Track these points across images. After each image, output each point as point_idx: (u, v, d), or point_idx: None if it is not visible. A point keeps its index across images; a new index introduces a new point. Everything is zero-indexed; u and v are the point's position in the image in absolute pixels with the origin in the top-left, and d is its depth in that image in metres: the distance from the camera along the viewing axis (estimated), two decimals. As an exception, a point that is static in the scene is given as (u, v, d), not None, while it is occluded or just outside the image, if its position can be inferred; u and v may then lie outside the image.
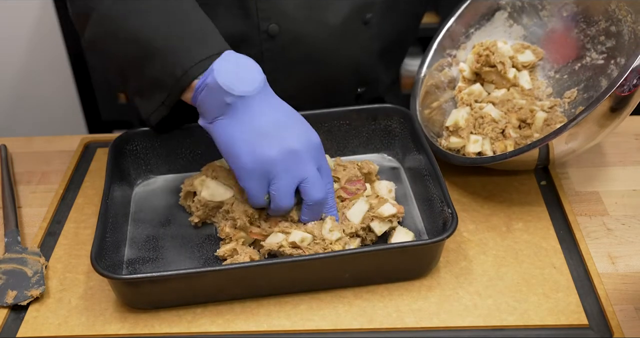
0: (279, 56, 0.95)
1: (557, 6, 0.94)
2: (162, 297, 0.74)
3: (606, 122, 0.76)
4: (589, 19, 0.91)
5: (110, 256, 0.77)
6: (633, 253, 0.79)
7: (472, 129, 0.90)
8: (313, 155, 0.77)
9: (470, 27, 0.98)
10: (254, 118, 0.75)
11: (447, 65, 0.99)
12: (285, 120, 0.77)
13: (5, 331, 0.74)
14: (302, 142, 0.76)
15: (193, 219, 0.84)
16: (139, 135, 0.90)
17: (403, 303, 0.74)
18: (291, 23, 0.92)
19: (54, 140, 1.04)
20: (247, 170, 0.75)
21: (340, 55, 0.97)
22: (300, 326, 0.72)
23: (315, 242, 0.77)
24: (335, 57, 0.97)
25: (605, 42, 0.89)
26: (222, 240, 0.81)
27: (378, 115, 0.93)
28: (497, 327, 0.71)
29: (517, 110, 0.90)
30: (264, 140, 0.75)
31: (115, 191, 0.84)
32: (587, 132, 0.77)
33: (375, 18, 0.96)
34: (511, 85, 0.94)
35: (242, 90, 0.75)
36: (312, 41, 0.94)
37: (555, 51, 0.95)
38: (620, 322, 0.71)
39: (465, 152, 0.89)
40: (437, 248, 0.75)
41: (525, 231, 0.83)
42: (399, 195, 0.87)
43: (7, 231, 0.85)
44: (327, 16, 0.93)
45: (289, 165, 0.75)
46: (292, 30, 0.93)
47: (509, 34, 0.98)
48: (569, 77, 0.93)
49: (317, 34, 0.94)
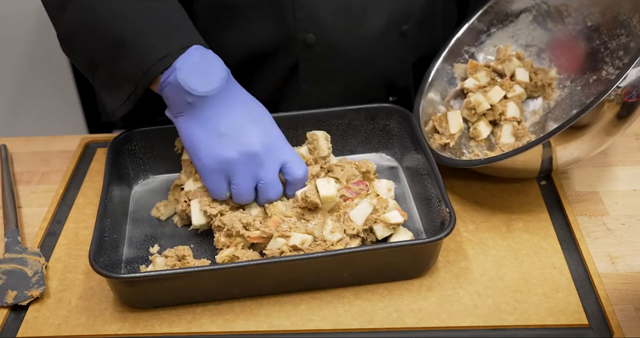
0: (315, 66, 0.95)
1: (582, 14, 0.92)
2: (161, 297, 0.74)
3: (613, 129, 0.76)
4: (611, 32, 0.89)
5: (109, 255, 0.77)
6: (633, 253, 0.79)
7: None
8: (273, 155, 0.78)
9: (492, 26, 0.98)
10: (213, 118, 0.76)
11: (462, 61, 0.98)
12: (245, 120, 0.78)
13: (5, 331, 0.74)
14: (262, 142, 0.77)
15: (177, 222, 0.86)
16: (138, 135, 0.90)
17: (403, 303, 0.74)
18: (328, 33, 0.92)
19: (54, 140, 1.04)
20: (206, 169, 0.78)
21: (375, 65, 0.97)
22: (300, 326, 0.72)
23: (316, 243, 0.77)
24: (370, 68, 0.97)
25: (623, 57, 0.88)
26: (220, 249, 0.80)
27: (377, 115, 0.93)
28: (497, 327, 0.71)
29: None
30: (223, 141, 0.76)
31: (114, 191, 0.84)
32: (593, 141, 0.76)
33: (412, 29, 0.96)
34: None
35: (203, 91, 0.75)
36: (348, 52, 0.94)
37: (574, 60, 0.94)
38: (620, 322, 0.71)
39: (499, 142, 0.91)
40: (435, 247, 0.75)
41: (525, 231, 0.83)
42: (397, 195, 0.87)
43: (7, 231, 0.85)
44: (365, 27, 0.93)
45: (248, 166, 0.77)
46: (329, 41, 0.93)
47: (532, 38, 0.97)
48: (581, 89, 0.92)
49: (353, 45, 0.94)
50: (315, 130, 0.90)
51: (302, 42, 0.92)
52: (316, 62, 0.95)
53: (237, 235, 0.78)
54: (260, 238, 0.78)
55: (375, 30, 0.94)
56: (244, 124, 0.77)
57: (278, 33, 0.92)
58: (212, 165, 0.77)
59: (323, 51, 0.94)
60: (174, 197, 0.87)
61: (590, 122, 0.74)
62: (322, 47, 0.93)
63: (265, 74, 0.96)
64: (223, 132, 0.76)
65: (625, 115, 0.74)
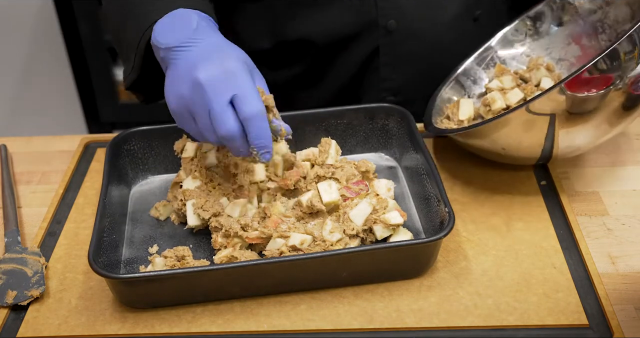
0: (394, 51, 1.00)
1: (616, 31, 0.92)
2: (161, 297, 0.74)
3: (616, 120, 0.76)
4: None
5: (109, 256, 0.77)
6: (633, 253, 0.79)
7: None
8: (222, 86, 0.73)
9: (528, 35, 0.99)
10: (178, 65, 0.76)
11: (492, 65, 0.99)
12: (203, 58, 0.75)
13: (5, 331, 0.74)
14: (210, 74, 0.73)
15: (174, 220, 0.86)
16: (137, 135, 0.90)
17: (403, 303, 0.74)
18: (408, 20, 0.98)
19: (54, 140, 1.04)
20: (173, 113, 0.77)
21: (448, 50, 1.02)
22: (300, 326, 0.72)
23: (315, 243, 0.77)
24: (444, 53, 1.02)
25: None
26: (218, 250, 0.80)
27: (376, 115, 0.93)
28: (497, 327, 0.71)
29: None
30: (179, 81, 0.75)
31: (113, 191, 0.84)
32: (597, 130, 0.76)
33: (484, 14, 1.02)
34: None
35: (164, 42, 0.77)
36: (425, 37, 1.00)
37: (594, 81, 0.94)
38: (620, 322, 0.71)
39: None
40: (435, 247, 0.75)
41: (525, 231, 0.83)
42: (396, 195, 0.87)
43: (7, 231, 0.85)
44: (441, 13, 0.99)
45: (198, 99, 0.73)
46: (408, 27, 0.98)
47: (565, 52, 0.97)
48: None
49: (430, 31, 0.99)
50: (314, 130, 0.91)
51: (383, 28, 0.98)
52: (395, 47, 1.00)
53: (235, 235, 0.78)
54: (259, 239, 0.78)
55: (450, 16, 0.99)
56: (200, 61, 0.75)
57: (360, 19, 0.97)
58: (174, 107, 0.76)
59: (402, 36, 0.99)
60: (172, 194, 0.87)
61: (595, 109, 0.75)
62: (401, 33, 0.99)
63: (346, 59, 1.01)
64: (181, 74, 0.75)
65: (629, 107, 0.75)
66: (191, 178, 0.85)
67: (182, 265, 0.76)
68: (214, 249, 0.80)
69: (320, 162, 0.86)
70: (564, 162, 0.93)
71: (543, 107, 0.75)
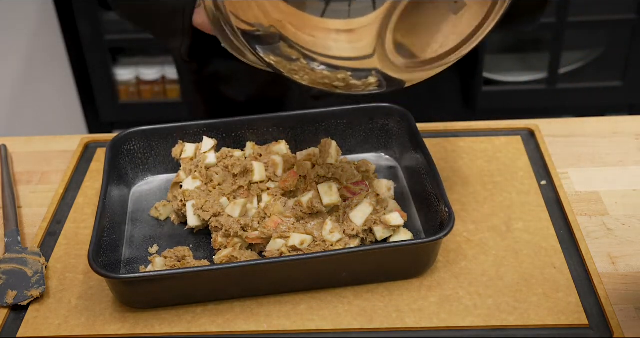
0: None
1: None
2: (160, 297, 0.74)
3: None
4: None
5: (108, 256, 0.77)
6: (633, 253, 0.79)
7: None
8: None
9: None
10: None
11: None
12: None
13: (5, 331, 0.74)
14: None
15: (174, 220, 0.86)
16: (137, 135, 0.90)
17: (403, 303, 0.74)
18: None
19: (54, 140, 1.04)
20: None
21: None
22: (300, 326, 0.72)
23: (315, 243, 0.77)
24: None
25: None
26: (218, 250, 0.80)
27: (375, 115, 0.92)
28: (497, 327, 0.71)
29: None
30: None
31: (113, 191, 0.84)
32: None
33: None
34: None
35: None
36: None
37: None
38: (620, 322, 0.71)
39: None
40: (435, 247, 0.75)
41: (525, 231, 0.83)
42: (396, 195, 0.87)
43: (7, 231, 0.85)
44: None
45: None
46: None
47: None
48: None
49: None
50: (314, 129, 0.91)
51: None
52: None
53: (235, 236, 0.78)
54: (259, 239, 0.78)
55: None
56: None
57: None
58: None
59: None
60: (172, 194, 0.87)
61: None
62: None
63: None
64: None
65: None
66: (191, 179, 0.85)
67: (182, 265, 0.76)
68: (214, 249, 0.80)
69: (321, 162, 0.86)
70: (564, 162, 0.93)
71: None
